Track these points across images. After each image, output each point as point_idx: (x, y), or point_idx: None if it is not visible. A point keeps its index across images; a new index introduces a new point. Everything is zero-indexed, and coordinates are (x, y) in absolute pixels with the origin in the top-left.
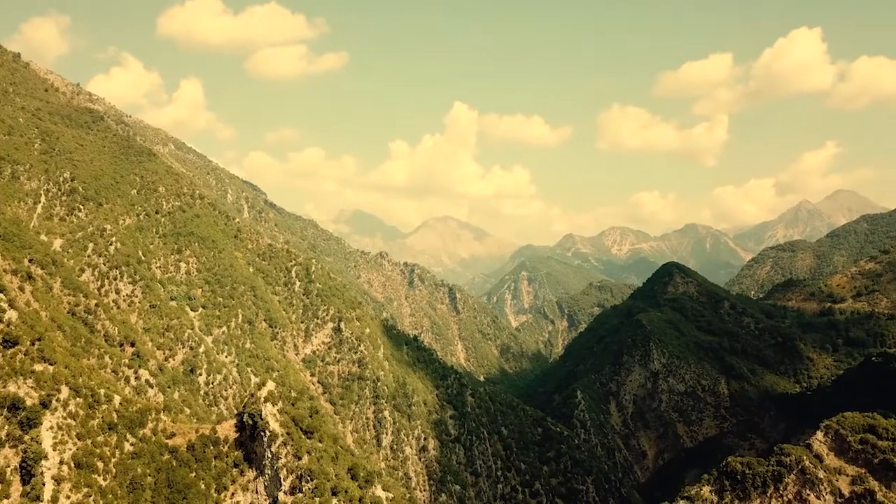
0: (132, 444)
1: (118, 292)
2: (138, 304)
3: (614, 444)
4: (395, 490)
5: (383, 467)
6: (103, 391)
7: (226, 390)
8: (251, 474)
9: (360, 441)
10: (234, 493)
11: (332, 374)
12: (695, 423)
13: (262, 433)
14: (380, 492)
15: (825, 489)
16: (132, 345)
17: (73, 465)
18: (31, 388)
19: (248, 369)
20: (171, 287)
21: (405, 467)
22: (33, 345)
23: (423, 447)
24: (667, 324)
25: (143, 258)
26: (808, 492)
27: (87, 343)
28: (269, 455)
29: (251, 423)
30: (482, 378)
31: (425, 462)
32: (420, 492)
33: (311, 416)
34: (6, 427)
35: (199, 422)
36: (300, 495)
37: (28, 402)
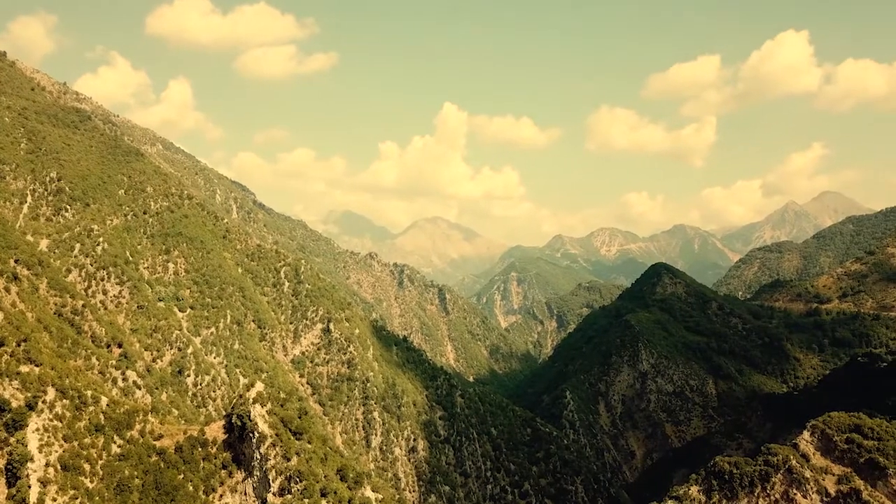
0: (119, 446)
1: (105, 293)
2: (126, 305)
3: (603, 445)
4: (385, 491)
5: (372, 468)
6: (90, 392)
7: (214, 391)
8: (240, 476)
9: (350, 442)
10: (222, 495)
11: (321, 375)
12: (683, 423)
13: (251, 434)
14: (369, 493)
15: (812, 488)
16: (119, 346)
17: (59, 467)
18: (17, 389)
19: (237, 370)
20: (159, 288)
21: (394, 468)
22: (19, 346)
23: (413, 448)
24: (655, 324)
25: (130, 259)
26: (794, 491)
27: (74, 344)
28: (258, 456)
29: (240, 424)
30: (472, 379)
31: (415, 463)
32: (409, 493)
33: (300, 418)
34: None
35: (188, 423)
36: (289, 497)
37: (14, 404)
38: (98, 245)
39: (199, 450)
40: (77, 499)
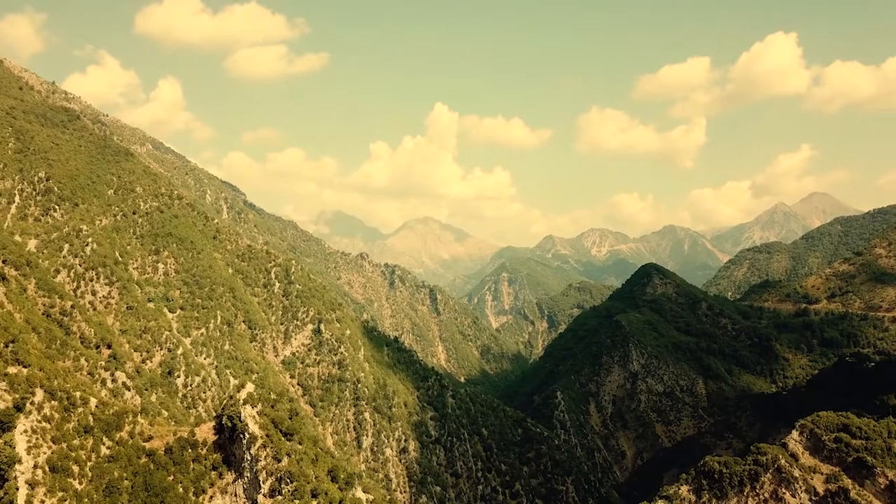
0: (108, 448)
1: (94, 294)
2: (115, 306)
3: (594, 445)
4: (376, 492)
5: (363, 469)
6: (79, 394)
7: (204, 392)
8: (230, 477)
9: (341, 443)
10: (212, 497)
11: (311, 375)
12: (673, 423)
13: (242, 435)
14: (360, 494)
15: (800, 487)
16: (109, 347)
17: (47, 468)
18: (5, 391)
19: (227, 371)
20: (149, 288)
21: (385, 469)
22: (7, 347)
23: (404, 449)
24: (645, 325)
25: (119, 259)
26: (783, 490)
27: (63, 345)
28: (249, 457)
29: (230, 425)
30: (463, 379)
31: (406, 463)
32: (400, 493)
33: (290, 419)
34: None
35: (177, 424)
36: (280, 498)
37: (1, 406)
38: (87, 245)
39: (189, 451)
40: (66, 501)
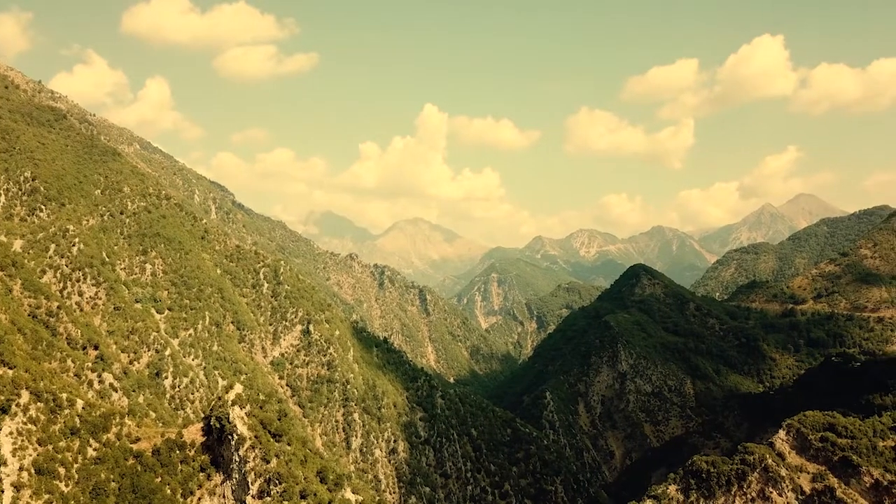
0: (95, 449)
1: (81, 294)
2: (102, 307)
3: (583, 445)
4: (365, 493)
5: (353, 470)
6: (65, 395)
7: (192, 394)
8: (218, 478)
9: (330, 444)
10: (200, 498)
11: (300, 376)
12: (661, 423)
13: (230, 437)
14: (349, 495)
15: (787, 487)
16: (96, 348)
17: (33, 471)
18: None
19: (216, 372)
20: (137, 289)
21: (375, 470)
22: None
23: (393, 449)
24: (634, 325)
25: (107, 259)
26: (770, 489)
27: (49, 346)
28: (237, 459)
29: (218, 426)
30: (452, 380)
31: (395, 464)
32: (390, 494)
33: (279, 419)
34: None
35: (165, 426)
36: (268, 499)
37: None
38: (74, 246)
39: (177, 452)
40: (52, 503)
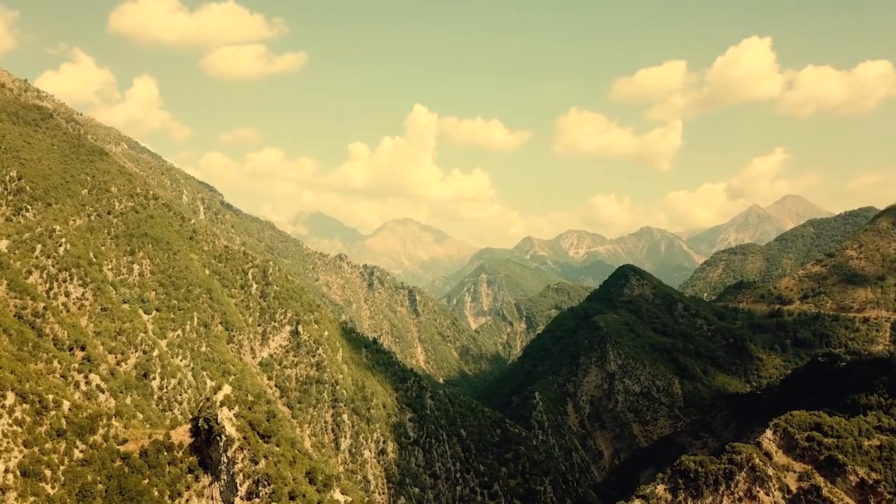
0: (82, 451)
1: (68, 295)
2: (89, 307)
3: (571, 445)
4: (354, 493)
5: (342, 471)
6: (51, 396)
7: (180, 395)
8: (206, 480)
9: (319, 445)
10: (188, 500)
11: (289, 377)
12: (650, 423)
13: (218, 438)
14: (338, 495)
15: (774, 486)
16: (82, 349)
17: (18, 473)
18: None
19: (204, 373)
20: (124, 289)
21: (364, 471)
22: None
23: (382, 450)
24: (623, 325)
25: (94, 260)
26: (757, 489)
27: (35, 347)
28: (225, 460)
29: (206, 427)
30: (442, 380)
31: (384, 465)
32: (379, 495)
33: (268, 420)
34: None
35: (153, 427)
36: (257, 500)
37: None
38: (60, 246)
39: (165, 454)
40: None
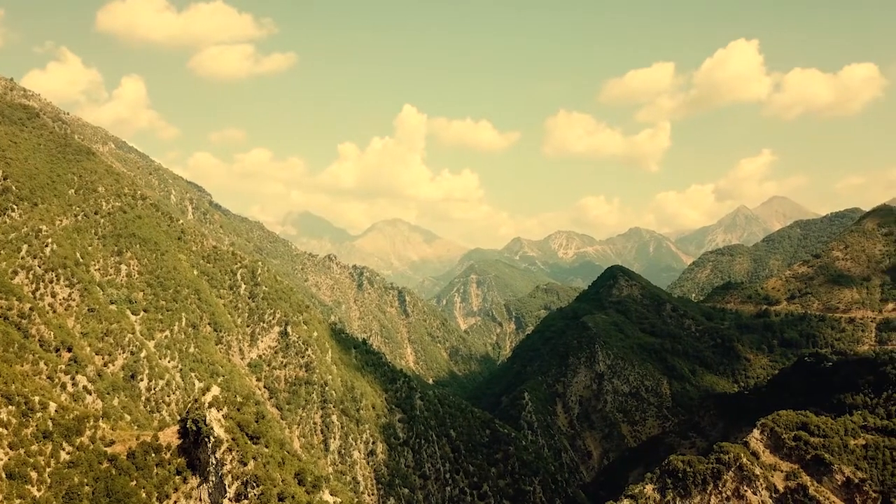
0: (68, 453)
1: (54, 295)
2: (76, 308)
3: (561, 445)
4: (343, 495)
5: (331, 472)
6: (37, 398)
7: (168, 396)
8: (195, 481)
9: (308, 446)
10: (176, 502)
11: (278, 378)
12: (638, 423)
13: (207, 439)
14: (327, 496)
15: (761, 485)
16: (69, 350)
17: (4, 475)
18: None
19: (192, 374)
20: (111, 290)
21: (353, 472)
22: None
23: (372, 451)
24: (611, 326)
25: (81, 260)
26: (745, 488)
27: (21, 348)
28: (214, 461)
29: (195, 428)
30: (431, 381)
31: (373, 466)
32: (368, 496)
33: (256, 422)
34: None
35: (141, 429)
36: (246, 502)
37: None
38: (47, 246)
39: (153, 455)
40: None
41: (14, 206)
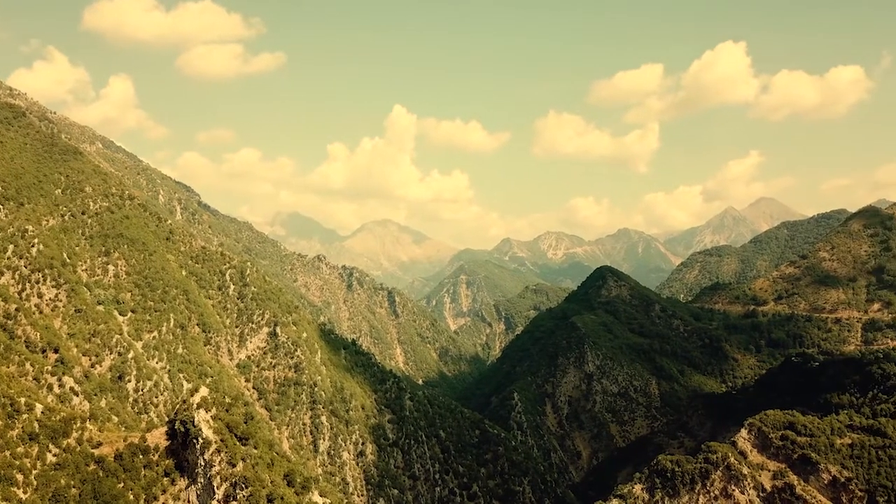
0: (55, 455)
1: (41, 296)
2: (62, 309)
3: (550, 445)
4: (333, 496)
5: (320, 473)
6: (24, 400)
7: (156, 397)
8: (183, 483)
9: (297, 447)
10: (164, 503)
11: (267, 379)
12: (627, 423)
13: (195, 440)
14: (316, 498)
15: (749, 484)
16: (56, 351)
17: None
18: None
19: (181, 375)
20: (99, 291)
21: (342, 473)
22: None
23: (361, 452)
24: (600, 326)
25: (68, 261)
26: (733, 487)
27: (7, 350)
28: (202, 463)
29: (183, 430)
30: (421, 381)
31: (363, 467)
32: (358, 497)
33: (245, 423)
34: None
35: (128, 430)
36: (234, 503)
37: None
38: (33, 246)
39: (141, 457)
40: None
41: (0, 207)
